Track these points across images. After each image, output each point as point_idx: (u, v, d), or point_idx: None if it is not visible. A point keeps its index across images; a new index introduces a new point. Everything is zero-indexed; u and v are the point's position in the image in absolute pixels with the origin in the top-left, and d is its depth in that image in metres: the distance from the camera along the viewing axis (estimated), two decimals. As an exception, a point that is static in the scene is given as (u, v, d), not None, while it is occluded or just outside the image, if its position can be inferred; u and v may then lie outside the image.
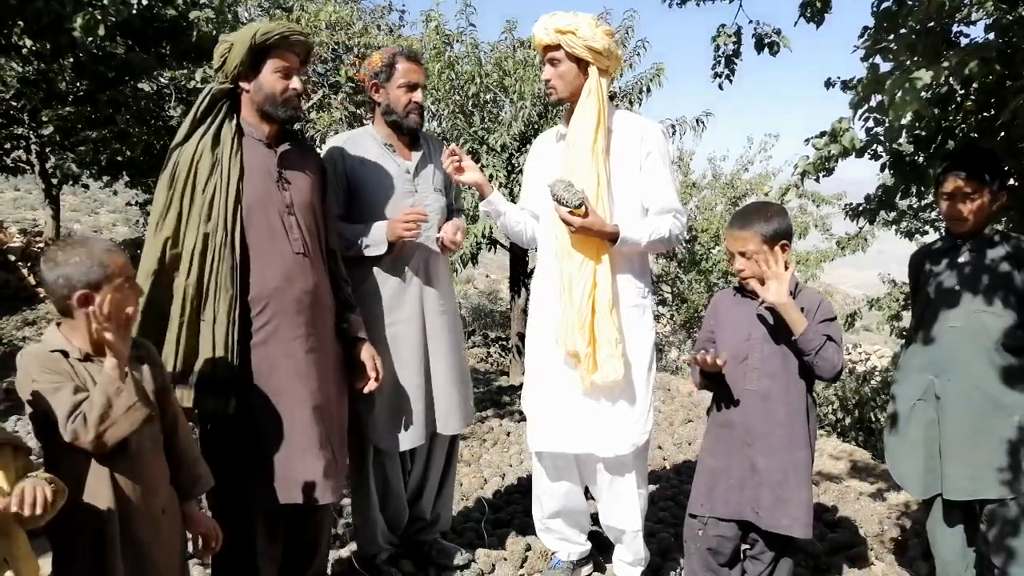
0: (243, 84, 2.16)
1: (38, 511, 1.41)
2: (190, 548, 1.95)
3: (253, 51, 2.10)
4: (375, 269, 2.57)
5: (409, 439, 2.60)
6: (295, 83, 2.18)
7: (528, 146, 2.48)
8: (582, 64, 2.39)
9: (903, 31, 2.48)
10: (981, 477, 2.21)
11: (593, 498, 2.72)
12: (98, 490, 1.63)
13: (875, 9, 2.68)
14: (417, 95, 2.58)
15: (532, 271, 8.22)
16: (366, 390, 2.37)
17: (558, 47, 2.37)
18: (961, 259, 2.32)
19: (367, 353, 2.37)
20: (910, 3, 2.46)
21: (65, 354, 1.64)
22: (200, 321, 2.03)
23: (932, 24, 2.43)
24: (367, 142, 2.62)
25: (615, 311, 2.37)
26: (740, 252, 2.18)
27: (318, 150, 2.49)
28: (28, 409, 1.63)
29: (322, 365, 2.23)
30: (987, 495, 2.22)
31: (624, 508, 2.54)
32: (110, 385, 1.56)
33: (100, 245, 1.66)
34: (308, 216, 2.25)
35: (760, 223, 2.16)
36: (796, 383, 2.20)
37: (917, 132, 3.07)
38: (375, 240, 2.50)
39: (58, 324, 1.69)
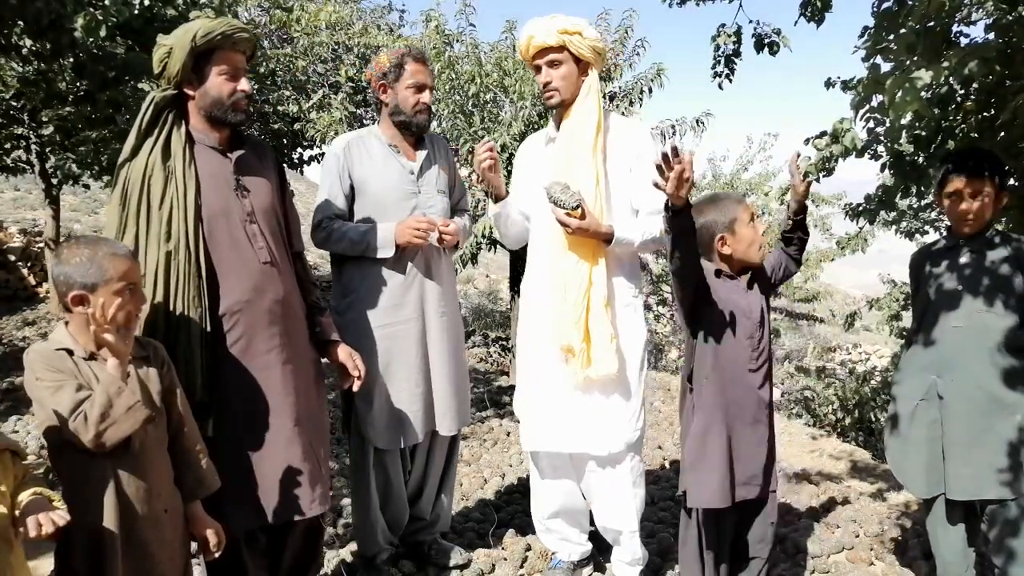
0: (187, 90, 2.05)
1: (49, 532, 1.43)
2: (194, 548, 1.94)
3: (195, 54, 1.98)
4: (376, 269, 2.57)
5: (407, 437, 2.60)
6: (243, 84, 2.07)
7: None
8: (582, 65, 2.43)
9: (903, 31, 2.48)
10: (984, 477, 2.21)
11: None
12: (100, 488, 1.64)
13: (875, 9, 2.68)
14: (425, 96, 2.59)
15: (531, 271, 8.21)
16: (355, 389, 2.34)
17: (561, 49, 2.38)
18: (963, 259, 2.32)
19: (344, 353, 2.32)
20: (910, 3, 2.45)
21: (70, 352, 1.66)
22: (168, 343, 1.92)
23: (932, 24, 2.43)
24: (372, 142, 2.63)
25: (610, 308, 2.39)
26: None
27: (270, 147, 2.43)
28: (34, 405, 1.64)
29: (300, 375, 2.18)
30: (989, 495, 2.22)
31: (620, 509, 2.54)
32: (111, 385, 1.56)
33: (105, 249, 1.66)
34: (271, 222, 2.17)
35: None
36: (769, 352, 2.34)
37: (917, 132, 3.07)
38: (383, 242, 2.51)
39: (66, 323, 1.70)
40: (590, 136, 2.39)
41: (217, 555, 1.90)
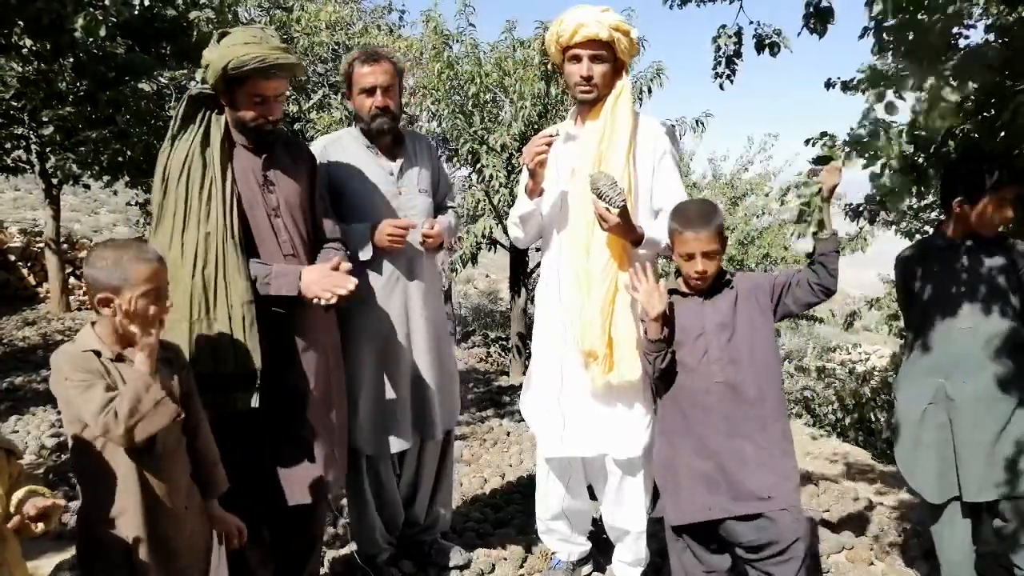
0: (222, 99, 2.12)
1: (42, 528, 1.46)
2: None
3: (226, 78, 2.03)
4: (358, 272, 2.46)
5: (396, 443, 2.57)
6: (271, 112, 2.10)
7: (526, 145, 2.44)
8: (618, 64, 2.39)
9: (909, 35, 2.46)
10: (1003, 477, 2.20)
11: (596, 498, 2.72)
12: (124, 488, 1.67)
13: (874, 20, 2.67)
14: (378, 98, 2.47)
15: (532, 271, 8.21)
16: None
17: (609, 45, 2.33)
18: (962, 260, 2.31)
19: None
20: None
21: (98, 353, 1.67)
22: (211, 320, 2.00)
23: (939, 26, 2.41)
24: (350, 144, 2.57)
25: (633, 312, 2.36)
26: (704, 253, 2.14)
27: (305, 145, 2.43)
28: (61, 405, 1.67)
29: (319, 363, 2.23)
30: (1015, 492, 2.20)
31: (630, 509, 2.53)
32: (140, 380, 1.59)
33: (131, 252, 1.67)
34: (297, 217, 2.23)
35: (716, 217, 2.16)
36: (760, 360, 2.18)
37: (917, 133, 3.06)
38: (359, 244, 2.46)
39: (93, 324, 1.72)
40: (624, 140, 2.34)
41: (240, 545, 1.97)
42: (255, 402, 2.04)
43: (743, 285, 2.23)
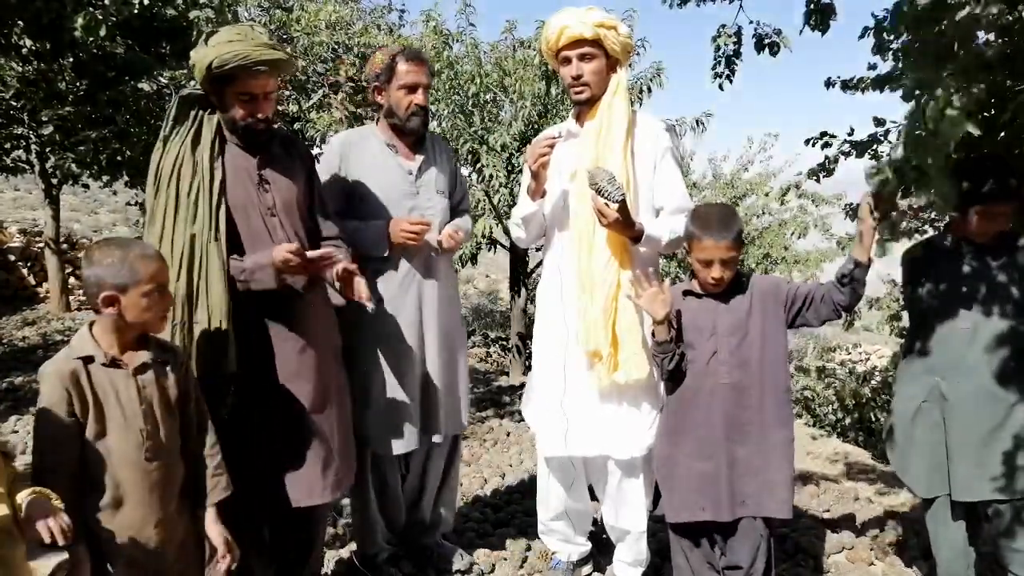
0: (212, 99, 2.10)
1: (60, 541, 1.44)
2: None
3: (210, 78, 2.02)
4: (374, 270, 2.53)
5: (404, 444, 2.57)
6: (261, 110, 2.08)
7: (528, 146, 2.44)
8: (611, 61, 2.38)
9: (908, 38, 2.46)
10: (992, 478, 2.20)
11: (596, 498, 2.72)
12: (116, 491, 1.65)
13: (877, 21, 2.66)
14: (419, 96, 2.51)
15: (532, 271, 8.21)
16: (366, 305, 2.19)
17: (595, 42, 2.33)
18: (966, 261, 2.31)
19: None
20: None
21: (90, 359, 1.65)
22: (193, 322, 1.98)
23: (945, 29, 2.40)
24: (370, 142, 2.60)
25: (638, 310, 2.34)
26: (722, 260, 2.12)
27: (304, 142, 2.43)
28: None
29: (318, 363, 2.22)
30: (998, 495, 2.21)
31: (631, 509, 2.52)
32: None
33: (136, 250, 1.67)
34: (294, 215, 2.22)
35: (737, 224, 2.13)
36: (769, 366, 2.18)
37: (916, 134, 3.05)
38: (374, 241, 2.47)
39: (91, 324, 1.70)
40: (620, 137, 2.34)
41: (225, 566, 1.87)
42: (228, 407, 2.02)
43: (760, 288, 2.22)
